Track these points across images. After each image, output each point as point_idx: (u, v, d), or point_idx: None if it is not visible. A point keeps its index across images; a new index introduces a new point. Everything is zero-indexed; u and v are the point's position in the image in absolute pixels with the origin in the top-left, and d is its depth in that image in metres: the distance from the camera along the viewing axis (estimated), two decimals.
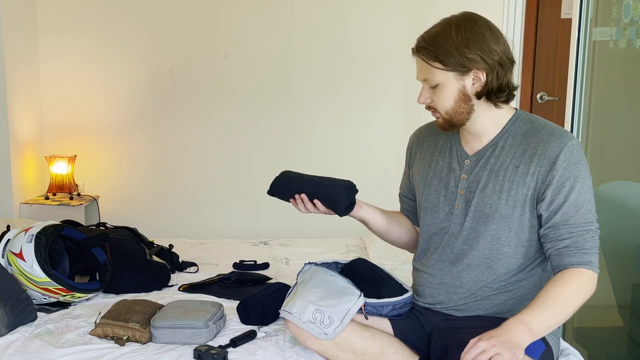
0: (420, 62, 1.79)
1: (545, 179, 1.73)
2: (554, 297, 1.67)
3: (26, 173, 3.73)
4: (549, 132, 1.76)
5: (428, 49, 1.74)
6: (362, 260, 2.06)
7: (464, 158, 1.86)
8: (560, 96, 4.02)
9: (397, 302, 1.89)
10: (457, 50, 1.71)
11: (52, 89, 3.87)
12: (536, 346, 1.71)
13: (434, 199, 1.90)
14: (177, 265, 2.77)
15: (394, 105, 3.91)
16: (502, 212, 1.78)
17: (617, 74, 2.82)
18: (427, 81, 1.78)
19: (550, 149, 1.73)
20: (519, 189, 1.76)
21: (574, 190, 1.72)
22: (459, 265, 1.84)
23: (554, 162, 1.72)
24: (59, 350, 1.95)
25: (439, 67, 1.74)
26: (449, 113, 1.78)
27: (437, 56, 1.73)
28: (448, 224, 1.87)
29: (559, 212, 1.72)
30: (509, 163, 1.78)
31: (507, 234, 1.79)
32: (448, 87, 1.76)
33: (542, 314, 1.65)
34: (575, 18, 2.70)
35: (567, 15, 3.86)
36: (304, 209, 1.96)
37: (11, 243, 2.27)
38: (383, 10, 3.83)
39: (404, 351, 1.88)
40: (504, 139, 1.81)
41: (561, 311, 1.68)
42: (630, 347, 2.71)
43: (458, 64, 1.72)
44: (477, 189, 1.81)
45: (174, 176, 4.00)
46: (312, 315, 1.81)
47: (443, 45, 1.72)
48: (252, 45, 3.86)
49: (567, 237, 1.72)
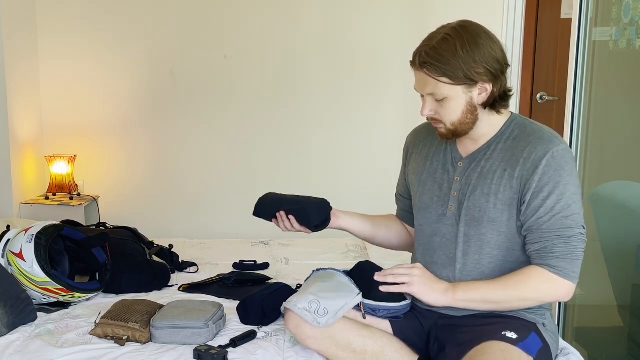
0: (424, 77, 1.75)
1: (527, 182, 1.73)
2: (497, 277, 1.77)
3: (26, 173, 3.73)
4: (538, 137, 1.76)
5: (435, 65, 1.70)
6: (369, 262, 2.08)
7: (458, 160, 1.86)
8: (560, 96, 4.02)
9: (393, 308, 1.90)
10: (465, 65, 1.69)
11: (52, 89, 3.88)
12: (533, 342, 1.72)
13: (427, 200, 1.91)
14: (177, 265, 2.77)
15: (394, 106, 3.91)
16: (490, 216, 1.78)
17: (617, 74, 2.82)
18: (434, 95, 1.75)
19: (535, 153, 1.73)
20: (506, 193, 1.76)
21: (552, 196, 1.71)
22: (452, 269, 1.85)
23: (536, 166, 1.72)
24: (59, 350, 1.95)
25: (446, 82, 1.71)
26: (455, 124, 1.77)
27: (445, 72, 1.70)
28: (440, 226, 1.87)
29: (534, 217, 1.73)
30: (497, 166, 1.78)
31: (497, 237, 1.79)
32: (456, 100, 1.74)
33: (474, 284, 1.79)
34: (575, 18, 2.69)
35: (567, 15, 3.87)
36: (284, 227, 2.05)
37: (11, 243, 2.27)
38: (383, 12, 3.83)
39: (403, 350, 1.88)
40: (496, 142, 1.81)
41: (493, 290, 1.76)
42: (630, 347, 2.71)
43: (467, 78, 1.70)
44: (468, 192, 1.81)
45: (174, 176, 4.00)
46: (308, 304, 1.84)
47: (450, 61, 1.69)
48: (252, 45, 3.86)
49: (537, 242, 1.74)
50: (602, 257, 2.71)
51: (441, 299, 1.80)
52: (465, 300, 1.79)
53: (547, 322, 1.83)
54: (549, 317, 1.86)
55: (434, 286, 1.81)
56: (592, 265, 2.65)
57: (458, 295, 1.78)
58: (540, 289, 1.74)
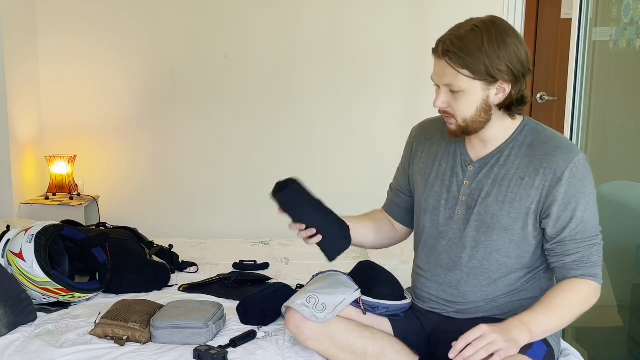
0: (444, 66, 1.69)
1: (550, 194, 1.72)
2: (557, 302, 1.69)
3: (26, 173, 3.73)
4: (555, 145, 1.74)
5: (458, 55, 1.65)
6: (369, 262, 2.08)
7: (468, 163, 1.83)
8: (560, 96, 4.02)
9: (392, 306, 1.90)
10: (489, 60, 1.64)
11: (52, 89, 3.87)
12: (538, 348, 1.71)
13: (434, 202, 1.88)
14: (177, 265, 2.77)
15: (393, 107, 3.91)
16: (503, 224, 1.76)
17: (617, 74, 2.83)
18: (450, 86, 1.70)
19: (557, 164, 1.71)
20: (523, 201, 1.75)
21: (580, 206, 1.71)
22: (457, 274, 1.84)
23: (560, 179, 1.70)
24: (59, 350, 1.95)
25: (466, 74, 1.66)
26: (467, 121, 1.73)
27: (467, 64, 1.65)
28: (447, 229, 1.85)
29: (567, 229, 1.72)
30: (513, 174, 1.76)
31: (508, 245, 1.78)
32: (472, 95, 1.69)
33: (544, 317, 1.68)
34: (575, 18, 2.70)
35: (567, 15, 3.87)
36: (300, 235, 1.84)
37: (11, 243, 2.27)
38: (383, 12, 3.82)
39: (404, 352, 1.88)
40: (510, 148, 1.78)
41: (562, 317, 1.71)
42: (630, 347, 2.71)
43: (487, 74, 1.66)
44: (480, 198, 1.79)
45: (174, 176, 4.00)
46: (306, 299, 1.84)
47: (474, 53, 1.64)
48: (252, 45, 3.86)
49: (574, 253, 1.73)
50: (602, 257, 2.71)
51: (524, 340, 1.64)
52: (541, 334, 1.70)
53: None
54: None
55: (511, 335, 1.62)
56: None
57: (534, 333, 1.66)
58: (590, 300, 1.74)
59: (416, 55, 3.76)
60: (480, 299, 1.83)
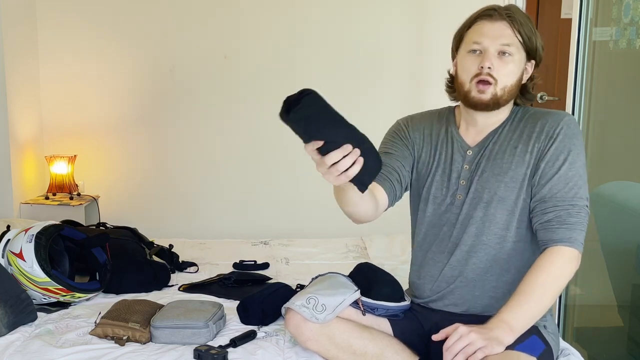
0: (503, 27, 1.76)
1: (542, 152, 1.76)
2: (529, 288, 1.65)
3: (26, 173, 3.73)
4: (545, 112, 1.83)
5: (518, 21, 1.76)
6: (368, 264, 2.08)
7: (466, 149, 1.87)
8: (560, 96, 4.02)
9: (392, 307, 1.90)
10: (535, 35, 1.77)
11: (52, 89, 3.88)
12: (536, 345, 1.71)
13: (436, 191, 1.90)
14: (177, 265, 2.77)
15: (393, 107, 3.90)
16: (500, 195, 1.79)
17: (617, 74, 2.83)
18: (506, 47, 1.75)
19: (549, 124, 1.78)
20: (518, 169, 1.78)
21: (566, 164, 1.73)
22: (457, 254, 1.84)
23: (552, 136, 1.76)
24: (59, 350, 1.95)
25: (519, 40, 1.76)
26: (505, 89, 1.78)
27: (524, 30, 1.76)
28: (449, 215, 1.87)
29: (548, 185, 1.74)
30: (506, 146, 1.81)
31: (506, 216, 1.80)
32: (518, 63, 1.78)
33: (520, 308, 1.64)
34: (575, 18, 2.69)
35: (567, 15, 3.86)
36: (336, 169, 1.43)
37: (11, 243, 2.27)
38: (383, 13, 3.83)
39: (404, 352, 1.88)
40: (502, 127, 1.85)
41: (540, 301, 1.66)
42: (630, 347, 2.71)
43: (532, 45, 1.77)
44: (477, 175, 1.83)
45: (174, 176, 4.00)
46: (306, 300, 1.84)
47: (528, 24, 1.77)
48: (252, 45, 3.86)
49: (551, 211, 1.72)
50: (602, 257, 2.71)
51: (507, 338, 1.61)
52: (524, 326, 1.66)
53: (548, 323, 1.83)
54: (550, 318, 1.86)
55: (491, 334, 1.60)
56: (592, 265, 2.66)
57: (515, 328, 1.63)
58: (566, 271, 1.69)
59: (416, 55, 3.76)
60: (479, 277, 1.82)
